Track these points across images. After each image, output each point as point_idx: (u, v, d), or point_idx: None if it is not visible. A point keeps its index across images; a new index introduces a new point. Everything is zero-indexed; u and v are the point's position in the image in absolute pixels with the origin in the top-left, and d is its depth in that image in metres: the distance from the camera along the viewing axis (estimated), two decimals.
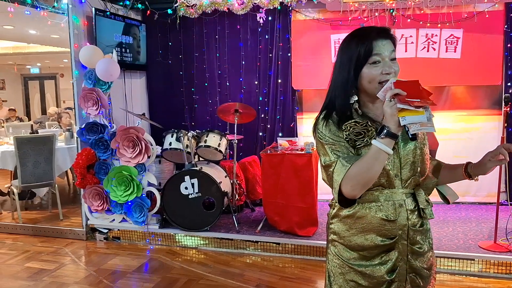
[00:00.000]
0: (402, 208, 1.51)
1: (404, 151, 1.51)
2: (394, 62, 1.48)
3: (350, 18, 5.11)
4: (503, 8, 5.02)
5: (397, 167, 1.50)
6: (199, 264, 4.01)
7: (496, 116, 5.18)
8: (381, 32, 1.47)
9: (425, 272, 1.56)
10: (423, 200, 1.55)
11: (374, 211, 1.50)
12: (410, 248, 1.53)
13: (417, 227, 1.54)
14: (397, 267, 1.52)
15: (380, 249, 1.52)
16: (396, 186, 1.51)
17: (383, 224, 1.50)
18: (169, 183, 4.41)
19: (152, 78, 6.04)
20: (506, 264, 3.62)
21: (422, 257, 1.56)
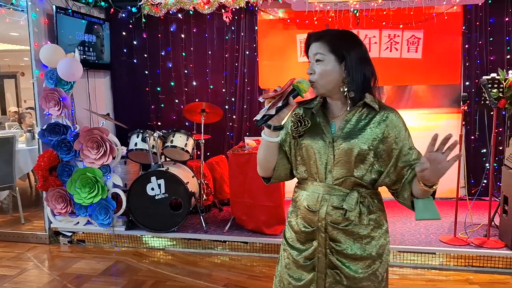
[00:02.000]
0: (326, 202, 1.58)
1: (338, 150, 1.56)
2: (318, 63, 1.57)
3: (315, 18, 5.18)
4: (461, 10, 5.20)
5: (331, 163, 1.57)
6: (166, 265, 3.97)
7: (456, 114, 5.36)
8: (312, 35, 1.61)
9: (353, 275, 1.57)
10: (351, 202, 1.56)
11: (303, 198, 1.65)
12: (329, 243, 1.59)
13: (340, 225, 1.57)
14: (315, 257, 1.62)
15: (305, 236, 1.64)
16: (326, 181, 1.59)
17: (307, 212, 1.62)
18: (135, 184, 4.35)
19: (116, 77, 5.93)
20: (465, 257, 3.76)
21: (353, 261, 1.58)
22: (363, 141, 1.54)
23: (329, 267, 1.61)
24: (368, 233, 1.59)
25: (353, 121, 1.58)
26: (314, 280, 1.63)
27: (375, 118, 1.57)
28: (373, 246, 1.59)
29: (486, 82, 3.90)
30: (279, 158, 1.68)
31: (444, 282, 3.53)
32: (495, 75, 3.93)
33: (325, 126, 1.61)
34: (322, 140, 1.59)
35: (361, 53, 1.57)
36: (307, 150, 1.62)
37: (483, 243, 3.85)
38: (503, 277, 3.58)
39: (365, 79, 1.56)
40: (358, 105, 1.58)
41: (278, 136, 1.61)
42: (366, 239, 1.59)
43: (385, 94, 5.52)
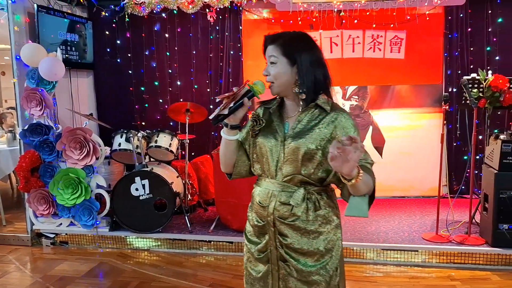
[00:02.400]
0: (274, 198, 1.66)
1: (287, 148, 1.63)
2: (272, 65, 1.64)
3: (300, 18, 5.20)
4: (442, 11, 5.29)
5: (281, 161, 1.65)
6: (151, 266, 3.95)
7: (438, 114, 5.45)
8: (267, 38, 1.69)
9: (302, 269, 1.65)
10: (298, 198, 1.62)
11: (256, 194, 1.74)
12: (278, 237, 1.68)
13: (287, 220, 1.65)
14: (267, 250, 1.72)
15: (258, 229, 1.74)
16: (277, 178, 1.67)
17: (259, 207, 1.71)
18: (119, 184, 4.32)
19: (100, 77, 5.87)
20: (447, 254, 3.82)
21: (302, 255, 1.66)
22: (310, 141, 1.60)
23: (280, 259, 1.70)
24: (315, 228, 1.65)
25: (304, 121, 1.65)
26: (269, 272, 1.73)
27: (325, 119, 1.63)
28: (321, 241, 1.66)
29: (466, 82, 3.97)
30: (239, 155, 1.78)
31: (426, 279, 3.59)
32: (475, 75, 4.00)
33: (279, 125, 1.69)
34: (274, 139, 1.67)
35: (313, 56, 1.64)
36: (260, 148, 1.70)
37: (464, 240, 3.92)
38: (483, 273, 3.65)
39: (316, 81, 1.63)
40: (311, 106, 1.65)
41: (236, 135, 1.70)
42: (313, 234, 1.66)
43: (369, 94, 5.58)
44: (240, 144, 1.77)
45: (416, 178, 5.55)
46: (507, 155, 3.74)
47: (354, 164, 1.34)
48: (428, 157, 5.38)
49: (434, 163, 4.39)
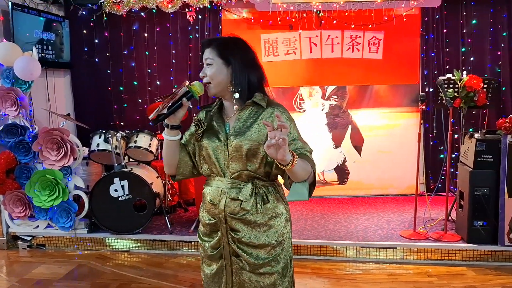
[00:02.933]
0: (225, 195, 1.73)
1: (230, 147, 1.71)
2: (209, 66, 1.73)
3: (279, 18, 5.23)
4: (419, 13, 5.39)
5: (227, 160, 1.73)
6: (131, 268, 3.91)
7: (415, 113, 5.54)
8: (203, 43, 1.79)
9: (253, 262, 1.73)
10: (246, 193, 1.71)
11: (207, 193, 1.80)
12: (230, 233, 1.75)
13: (237, 215, 1.72)
14: (220, 246, 1.78)
15: (210, 227, 1.80)
16: (225, 176, 1.75)
17: (210, 206, 1.77)
18: (97, 185, 4.26)
19: (77, 76, 5.78)
20: (424, 251, 3.90)
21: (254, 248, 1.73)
22: (253, 137, 1.69)
23: (233, 254, 1.77)
24: (265, 221, 1.74)
25: (243, 119, 1.73)
26: (223, 267, 1.80)
27: (262, 114, 1.72)
28: (272, 233, 1.74)
29: (442, 82, 4.06)
30: (181, 156, 1.84)
31: (404, 275, 3.65)
32: (450, 75, 4.09)
33: (220, 126, 1.77)
34: (218, 139, 1.74)
35: (247, 58, 1.75)
36: (206, 150, 1.76)
37: (440, 237, 4.01)
38: (459, 269, 3.74)
39: (249, 81, 1.73)
40: (248, 104, 1.74)
41: (177, 135, 1.76)
42: (264, 227, 1.74)
43: (348, 94, 5.64)
44: (183, 146, 1.85)
45: (394, 176, 5.64)
46: (481, 153, 3.83)
47: (285, 149, 1.44)
48: (406, 156, 5.47)
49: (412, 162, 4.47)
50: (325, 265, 3.88)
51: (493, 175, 3.80)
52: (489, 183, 3.82)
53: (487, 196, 3.81)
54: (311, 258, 4.01)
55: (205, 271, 1.86)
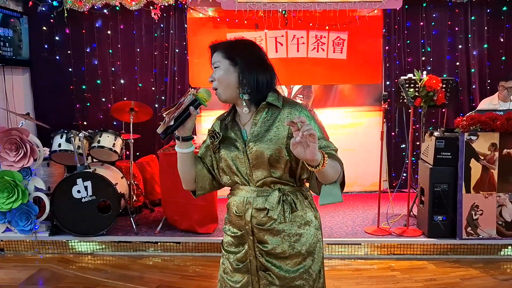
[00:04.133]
0: (250, 205, 1.63)
1: (250, 154, 1.60)
2: (216, 69, 1.65)
3: (245, 17, 5.24)
4: (381, 14, 5.53)
5: (248, 167, 1.62)
6: (95, 271, 3.82)
7: (378, 112, 5.68)
8: (211, 47, 1.70)
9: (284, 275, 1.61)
10: (273, 201, 1.59)
11: (232, 204, 1.69)
12: (257, 246, 1.64)
13: (265, 226, 1.61)
14: (246, 260, 1.67)
15: (237, 240, 1.70)
16: (250, 185, 1.64)
17: (236, 217, 1.67)
18: (59, 187, 4.14)
19: (37, 74, 5.59)
20: (388, 246, 4.01)
21: (283, 260, 1.62)
22: (273, 142, 1.57)
23: (261, 269, 1.65)
24: (295, 231, 1.62)
25: (260, 123, 1.62)
26: (249, 283, 1.67)
27: (279, 116, 1.61)
28: (302, 243, 1.62)
29: (403, 82, 4.18)
30: (198, 169, 1.73)
31: (369, 270, 3.74)
32: (411, 75, 4.22)
33: (236, 133, 1.66)
34: (236, 148, 1.63)
35: (255, 58, 1.65)
36: (225, 160, 1.66)
37: (403, 232, 4.13)
38: (420, 263, 3.87)
39: (258, 81, 1.62)
40: (262, 106, 1.63)
41: (190, 147, 1.66)
42: (294, 237, 1.62)
43: (313, 93, 5.72)
44: (199, 159, 1.74)
45: (358, 174, 5.76)
46: (440, 151, 3.97)
47: (314, 147, 1.32)
48: (369, 153, 5.60)
49: (375, 160, 4.59)
50: None
51: (451, 171, 3.95)
52: (448, 179, 3.96)
53: (446, 192, 3.96)
54: None
55: (227, 282, 1.74)
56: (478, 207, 3.89)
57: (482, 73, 5.57)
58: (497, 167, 3.87)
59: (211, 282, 3.57)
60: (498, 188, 3.89)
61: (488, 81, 5.54)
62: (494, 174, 3.87)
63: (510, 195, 3.90)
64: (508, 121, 3.76)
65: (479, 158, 3.86)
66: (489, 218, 3.91)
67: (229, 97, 1.65)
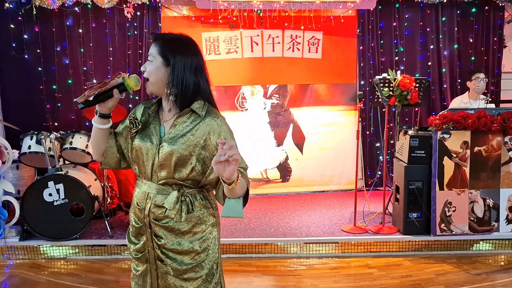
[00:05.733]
0: (150, 200, 1.71)
1: (161, 153, 1.65)
2: (149, 62, 1.68)
3: (220, 17, 5.20)
4: (356, 14, 5.59)
5: (156, 165, 1.68)
6: (68, 276, 3.72)
7: (353, 111, 5.75)
8: (152, 35, 1.75)
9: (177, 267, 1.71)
10: (171, 201, 1.66)
11: (135, 195, 1.78)
12: (154, 238, 1.73)
13: (161, 222, 1.70)
14: (145, 250, 1.76)
15: (136, 230, 1.77)
16: (153, 180, 1.71)
17: (137, 209, 1.75)
18: (29, 190, 4.01)
19: (4, 74, 5.39)
20: (364, 244, 4.05)
21: (178, 254, 1.71)
22: (184, 147, 1.63)
23: (158, 259, 1.75)
24: (189, 229, 1.71)
25: (179, 127, 1.67)
26: (148, 271, 1.77)
27: (199, 124, 1.65)
28: (196, 240, 1.72)
29: (378, 82, 4.23)
30: (108, 145, 1.78)
31: (346, 268, 3.77)
32: (386, 75, 4.28)
33: (155, 128, 1.71)
34: (151, 142, 1.69)
35: (190, 61, 1.66)
36: (136, 151, 1.72)
37: (379, 230, 4.18)
38: (396, 259, 3.93)
39: (186, 86, 1.64)
40: (186, 111, 1.67)
41: (106, 124, 1.73)
42: (187, 235, 1.71)
43: (289, 92, 5.73)
44: (114, 135, 1.80)
45: (334, 173, 5.81)
46: (414, 149, 4.04)
47: (234, 168, 1.40)
48: (345, 152, 5.66)
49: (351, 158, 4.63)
50: (270, 263, 3.91)
51: (425, 169, 4.02)
52: (422, 177, 4.03)
53: (421, 190, 4.03)
54: (256, 256, 4.03)
55: (132, 270, 1.85)
56: (451, 203, 3.98)
57: (453, 72, 5.71)
58: (469, 164, 3.96)
59: None
60: (470, 185, 3.98)
61: (459, 81, 5.68)
62: (466, 171, 3.97)
63: (481, 192, 4.00)
64: (479, 119, 3.86)
65: (452, 156, 3.95)
66: (461, 214, 4.00)
67: (156, 92, 1.70)
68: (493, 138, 3.95)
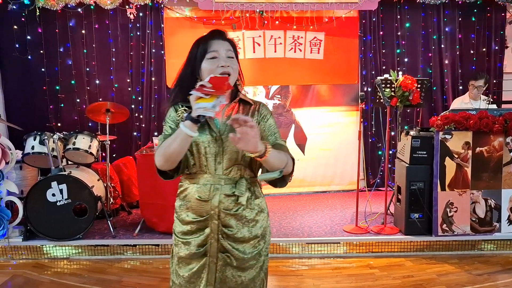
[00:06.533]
0: (218, 191, 1.72)
1: (226, 142, 1.69)
2: (232, 60, 1.71)
3: (223, 17, 5.22)
4: (357, 15, 5.60)
5: (220, 155, 1.71)
6: (71, 276, 3.74)
7: (355, 112, 5.76)
8: (217, 33, 1.76)
9: (242, 256, 1.75)
10: (242, 188, 1.73)
11: (194, 190, 1.74)
12: (221, 229, 1.73)
13: (232, 211, 1.73)
14: (207, 243, 1.74)
15: (197, 225, 1.75)
16: (217, 172, 1.72)
17: (199, 203, 1.73)
18: (33, 190, 4.03)
19: (8, 75, 5.43)
20: (366, 244, 4.06)
21: (241, 243, 1.75)
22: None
23: (220, 251, 1.75)
24: (253, 217, 1.77)
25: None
26: (206, 265, 1.75)
27: (250, 110, 1.79)
28: (258, 228, 1.78)
29: (380, 82, 4.24)
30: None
31: (348, 269, 3.78)
32: (387, 76, 4.28)
33: (209, 121, 1.71)
34: (210, 135, 1.71)
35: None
36: (196, 145, 1.71)
37: (381, 230, 4.19)
38: (398, 260, 3.93)
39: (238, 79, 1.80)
40: (236, 101, 1.79)
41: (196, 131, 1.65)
42: (252, 223, 1.76)
43: (291, 93, 5.74)
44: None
45: (336, 173, 5.82)
46: (416, 149, 4.05)
47: (255, 141, 1.48)
48: (347, 153, 5.67)
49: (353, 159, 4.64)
50: (272, 263, 3.92)
51: (427, 170, 4.03)
52: (424, 177, 4.04)
53: (422, 190, 4.03)
54: None
55: (180, 273, 1.79)
56: (452, 204, 3.98)
57: (454, 73, 5.72)
58: (470, 165, 3.97)
59: None
60: (472, 186, 3.99)
61: (460, 81, 5.69)
62: (467, 172, 3.97)
63: (483, 192, 4.01)
64: (480, 120, 3.87)
65: (454, 156, 3.95)
66: (463, 215, 4.00)
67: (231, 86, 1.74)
68: (495, 138, 3.96)
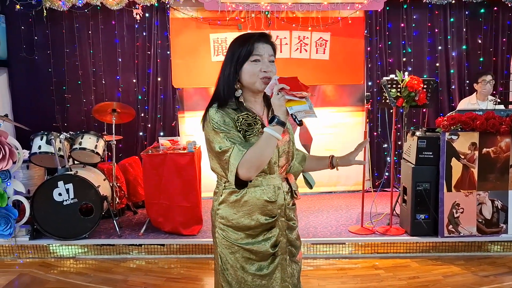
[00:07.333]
0: (280, 190, 1.78)
1: (281, 142, 1.75)
2: (272, 64, 1.74)
3: (228, 18, 5.23)
4: (363, 16, 5.58)
5: (276, 156, 1.75)
6: (77, 275, 3.76)
7: (360, 112, 5.75)
8: (262, 36, 1.74)
9: (297, 242, 1.87)
10: (294, 183, 1.85)
11: (259, 194, 1.73)
12: (287, 224, 1.81)
13: (291, 205, 1.84)
14: (279, 241, 1.78)
15: (264, 227, 1.75)
16: (275, 172, 1.77)
17: (266, 205, 1.74)
18: (40, 190, 4.05)
19: (15, 75, 5.47)
20: (372, 245, 4.05)
21: (294, 231, 1.86)
22: (291, 132, 1.84)
23: (287, 245, 1.82)
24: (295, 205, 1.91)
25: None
26: (278, 264, 1.78)
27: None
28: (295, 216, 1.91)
29: (386, 83, 4.23)
30: None
31: (353, 269, 3.77)
32: (393, 76, 4.27)
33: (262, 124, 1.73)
34: None
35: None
36: None
37: (386, 231, 4.18)
38: (403, 261, 3.92)
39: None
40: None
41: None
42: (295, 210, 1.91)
43: None
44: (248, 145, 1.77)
45: (341, 173, 5.79)
46: (422, 150, 4.03)
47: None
48: None
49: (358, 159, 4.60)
50: None
51: (433, 170, 4.01)
52: (430, 178, 4.02)
53: (428, 191, 4.01)
54: None
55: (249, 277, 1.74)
56: (459, 205, 3.96)
57: (461, 73, 5.69)
58: (477, 166, 3.94)
59: (196, 284, 3.55)
60: (478, 187, 3.97)
61: (467, 82, 5.66)
62: (474, 172, 3.95)
63: (490, 193, 3.99)
64: (487, 120, 3.85)
65: (460, 157, 3.93)
66: (469, 216, 3.98)
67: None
68: (502, 139, 3.93)
